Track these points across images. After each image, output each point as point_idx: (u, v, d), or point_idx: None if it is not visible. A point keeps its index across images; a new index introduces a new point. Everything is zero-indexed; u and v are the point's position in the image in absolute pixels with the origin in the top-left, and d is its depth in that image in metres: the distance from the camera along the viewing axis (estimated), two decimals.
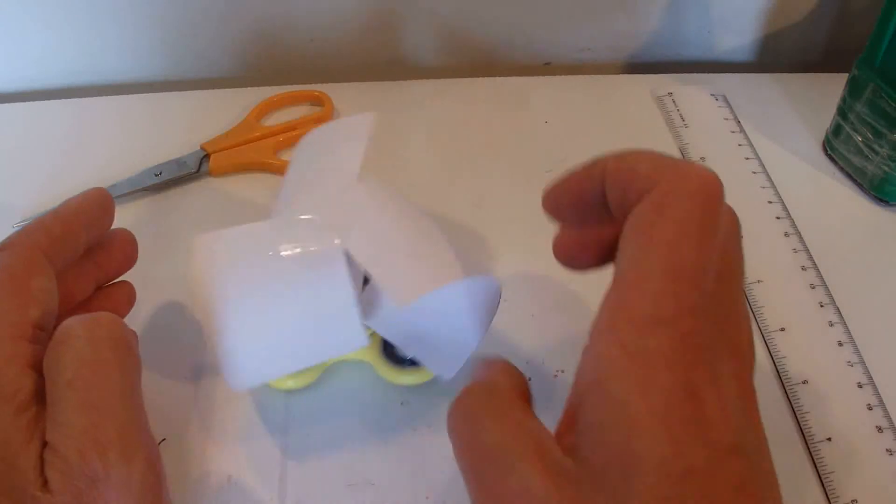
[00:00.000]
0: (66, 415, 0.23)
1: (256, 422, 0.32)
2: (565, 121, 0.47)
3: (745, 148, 0.46)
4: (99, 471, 0.23)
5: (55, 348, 0.25)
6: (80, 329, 0.25)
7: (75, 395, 0.24)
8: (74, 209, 0.30)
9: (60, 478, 0.22)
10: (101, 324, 0.25)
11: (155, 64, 0.50)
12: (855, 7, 0.51)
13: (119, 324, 0.26)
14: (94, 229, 0.30)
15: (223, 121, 0.46)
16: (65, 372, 0.24)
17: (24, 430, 0.23)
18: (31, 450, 0.23)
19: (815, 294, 0.38)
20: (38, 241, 0.27)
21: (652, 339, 0.20)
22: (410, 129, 0.46)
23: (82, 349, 0.24)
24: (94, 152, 0.44)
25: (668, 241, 0.22)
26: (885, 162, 0.41)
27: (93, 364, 0.24)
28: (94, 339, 0.25)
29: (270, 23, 0.49)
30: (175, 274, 0.37)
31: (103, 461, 0.23)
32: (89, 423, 0.23)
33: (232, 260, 0.29)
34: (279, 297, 0.28)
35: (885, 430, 0.33)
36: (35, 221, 0.28)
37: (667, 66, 0.54)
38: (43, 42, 0.48)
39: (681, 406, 0.20)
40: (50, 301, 0.27)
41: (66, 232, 0.29)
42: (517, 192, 0.43)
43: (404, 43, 0.51)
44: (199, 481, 0.31)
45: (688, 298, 0.21)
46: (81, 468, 0.22)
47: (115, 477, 0.23)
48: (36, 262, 0.27)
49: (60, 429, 0.23)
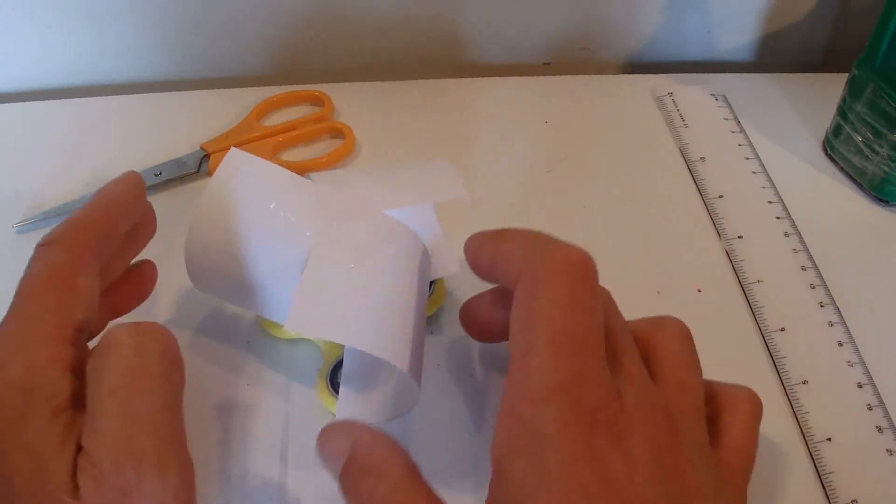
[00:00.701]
0: (104, 422, 0.23)
1: (257, 422, 0.32)
2: (565, 121, 0.47)
3: (745, 148, 0.46)
4: (132, 482, 0.22)
5: (100, 355, 0.24)
6: (128, 337, 0.24)
7: (116, 404, 0.23)
8: (116, 200, 0.29)
9: (92, 485, 0.22)
10: (149, 333, 0.25)
11: (155, 64, 0.50)
12: (855, 7, 0.51)
13: (166, 335, 0.25)
14: (133, 218, 0.30)
15: (223, 121, 0.46)
16: (108, 379, 0.23)
17: (59, 434, 0.23)
18: (65, 454, 0.22)
19: (815, 294, 0.38)
20: (86, 239, 0.27)
21: (544, 411, 0.21)
22: (410, 130, 0.46)
23: (128, 358, 0.24)
24: (94, 152, 0.44)
25: (546, 317, 0.23)
26: (885, 162, 0.41)
27: (137, 374, 0.24)
28: (141, 348, 0.24)
29: (271, 23, 0.49)
30: (175, 273, 0.37)
31: (138, 472, 0.22)
32: (127, 432, 0.23)
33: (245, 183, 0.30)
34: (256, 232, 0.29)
35: (885, 430, 0.33)
36: (79, 215, 0.28)
37: (667, 66, 0.54)
38: (43, 42, 0.48)
39: (580, 472, 0.20)
40: (93, 302, 0.26)
41: (112, 226, 0.28)
42: (517, 192, 0.43)
43: (404, 43, 0.51)
44: (200, 481, 0.30)
45: (571, 366, 0.22)
46: (115, 477, 0.22)
47: (147, 490, 0.22)
48: (84, 260, 0.26)
49: (97, 436, 0.23)
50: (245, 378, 0.34)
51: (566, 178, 0.44)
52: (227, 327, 0.35)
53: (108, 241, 0.28)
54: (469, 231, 0.40)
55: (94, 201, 0.29)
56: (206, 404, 0.33)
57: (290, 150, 0.45)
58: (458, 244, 0.30)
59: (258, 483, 0.31)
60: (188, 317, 0.36)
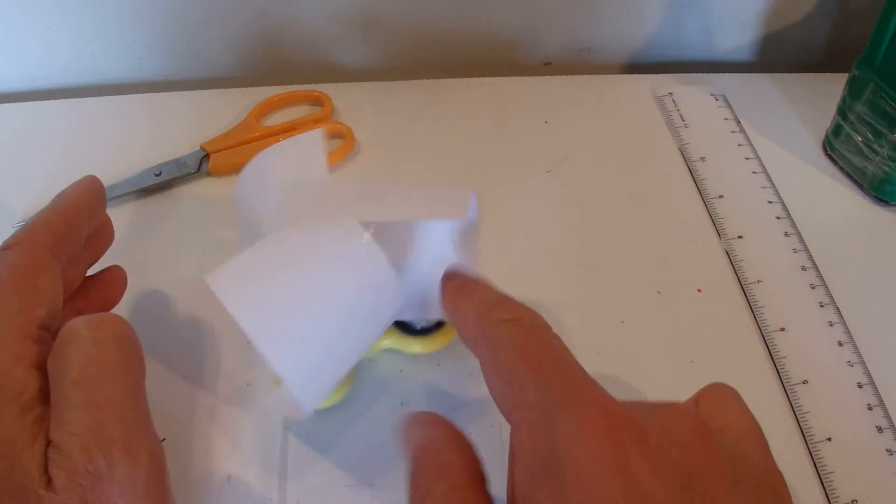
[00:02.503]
0: (70, 413, 0.23)
1: (257, 422, 0.32)
2: (565, 121, 0.47)
3: (745, 148, 0.46)
4: (103, 468, 0.23)
5: (60, 348, 0.25)
6: (85, 329, 0.25)
7: (80, 394, 0.24)
8: (75, 203, 0.30)
9: (64, 476, 0.22)
10: (106, 323, 0.25)
11: (155, 64, 0.50)
12: (855, 7, 0.51)
13: (123, 324, 0.26)
14: (93, 221, 0.30)
15: (223, 121, 0.46)
16: (70, 371, 0.24)
17: (29, 430, 0.23)
18: (36, 449, 0.23)
19: (815, 294, 0.38)
20: (45, 240, 0.27)
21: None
22: (410, 129, 0.46)
23: (87, 348, 0.24)
24: (94, 152, 0.44)
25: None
26: (885, 162, 0.41)
27: (98, 363, 0.24)
28: (99, 338, 0.25)
29: (271, 23, 0.49)
30: (175, 273, 0.37)
31: (107, 459, 0.23)
32: (94, 421, 0.23)
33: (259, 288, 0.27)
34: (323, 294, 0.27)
35: (885, 430, 0.33)
36: (38, 218, 0.28)
37: (667, 66, 0.54)
38: (43, 42, 0.48)
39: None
40: (56, 300, 0.27)
41: (70, 228, 0.29)
42: (517, 192, 0.43)
43: (404, 43, 0.51)
44: (200, 481, 0.31)
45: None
46: (86, 466, 0.22)
47: (119, 475, 0.23)
48: (43, 260, 0.27)
49: (65, 427, 0.23)
50: (245, 378, 0.34)
51: (566, 178, 0.44)
52: (227, 327, 0.35)
53: (67, 243, 0.28)
54: None
55: (53, 204, 0.29)
56: (207, 404, 0.33)
57: None
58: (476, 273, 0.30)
59: (258, 483, 0.31)
60: (189, 316, 0.36)
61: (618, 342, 0.36)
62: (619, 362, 0.35)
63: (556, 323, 0.36)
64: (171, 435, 0.32)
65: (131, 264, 0.33)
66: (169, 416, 0.32)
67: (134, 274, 0.33)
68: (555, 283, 0.38)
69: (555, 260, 0.39)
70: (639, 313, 0.37)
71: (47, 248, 0.27)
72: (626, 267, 0.39)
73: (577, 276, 0.39)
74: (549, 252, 0.40)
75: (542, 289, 0.38)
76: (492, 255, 0.39)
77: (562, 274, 0.39)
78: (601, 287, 0.38)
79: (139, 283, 0.37)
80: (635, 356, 0.35)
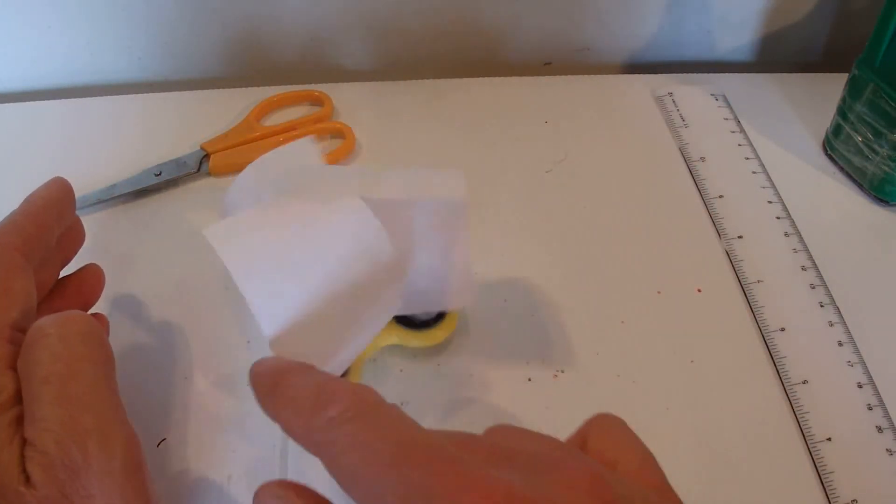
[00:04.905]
0: (42, 410, 0.23)
1: (256, 422, 0.32)
2: (565, 121, 0.47)
3: (745, 148, 0.46)
4: (79, 461, 0.23)
5: (28, 348, 0.25)
6: (52, 327, 0.25)
7: (51, 390, 0.24)
8: (43, 204, 0.30)
9: (42, 472, 0.23)
10: (71, 320, 0.26)
11: (154, 64, 0.50)
12: (855, 7, 0.51)
13: (88, 319, 0.26)
14: (63, 221, 0.31)
15: (223, 121, 0.46)
16: (39, 369, 0.24)
17: (6, 430, 0.23)
18: (13, 448, 0.23)
19: (815, 294, 0.38)
20: (14, 242, 0.27)
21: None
22: (410, 130, 0.46)
23: (54, 346, 0.25)
24: (93, 152, 0.44)
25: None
26: (885, 162, 0.41)
27: (65, 359, 0.25)
28: (66, 335, 0.25)
29: (271, 22, 0.49)
30: (175, 273, 0.37)
31: (83, 451, 0.23)
32: (66, 415, 0.23)
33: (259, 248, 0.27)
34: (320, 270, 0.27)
35: (885, 430, 0.33)
36: (6, 221, 0.28)
37: (667, 66, 0.54)
38: (43, 42, 0.48)
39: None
40: (29, 301, 0.27)
41: (41, 229, 0.29)
42: (517, 192, 0.43)
43: (404, 43, 0.51)
44: (199, 481, 0.31)
45: None
46: (62, 460, 0.23)
47: (95, 466, 0.23)
48: (15, 263, 0.27)
49: (38, 424, 0.23)
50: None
51: (566, 178, 0.44)
52: (227, 327, 0.35)
53: (38, 245, 0.28)
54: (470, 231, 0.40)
55: (22, 207, 0.29)
56: (207, 405, 0.33)
57: None
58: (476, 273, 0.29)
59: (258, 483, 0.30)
60: (190, 315, 0.36)
61: (618, 342, 0.36)
62: (619, 362, 0.35)
63: (558, 323, 0.36)
64: (171, 435, 0.32)
65: (131, 264, 0.34)
66: (169, 416, 0.32)
67: (134, 274, 0.34)
68: (555, 283, 0.38)
69: (555, 260, 0.39)
70: (639, 313, 0.37)
71: (17, 251, 0.27)
72: (626, 267, 0.39)
73: (577, 275, 0.39)
74: (548, 252, 0.40)
75: (542, 289, 0.38)
76: (491, 255, 0.39)
77: (562, 274, 0.39)
78: (601, 287, 0.38)
79: (139, 282, 0.37)
80: (635, 356, 0.35)
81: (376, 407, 0.21)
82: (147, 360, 0.34)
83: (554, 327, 0.36)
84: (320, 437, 0.21)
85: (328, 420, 0.21)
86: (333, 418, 0.21)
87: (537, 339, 0.36)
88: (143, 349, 0.28)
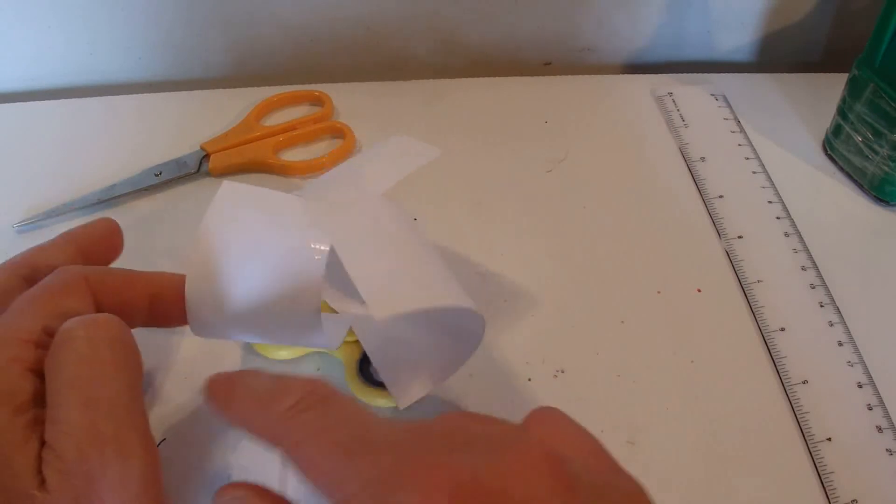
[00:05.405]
0: (64, 413, 0.23)
1: None
2: (565, 121, 0.47)
3: (745, 148, 0.46)
4: (96, 468, 0.23)
5: (56, 349, 0.25)
6: (81, 329, 0.25)
7: (74, 394, 0.23)
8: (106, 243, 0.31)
9: (58, 476, 0.22)
10: (99, 324, 0.25)
11: (154, 64, 0.50)
12: (855, 7, 0.51)
13: (118, 323, 0.26)
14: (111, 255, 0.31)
15: (223, 121, 0.46)
16: (64, 371, 0.24)
17: (22, 431, 0.23)
18: (29, 450, 0.23)
19: (815, 294, 0.38)
20: (85, 271, 0.27)
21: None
22: (410, 130, 0.46)
23: (82, 349, 0.24)
24: (93, 152, 0.44)
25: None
26: (885, 162, 0.41)
27: (92, 363, 0.24)
28: (94, 338, 0.25)
29: (271, 22, 0.49)
30: None
31: (101, 459, 0.23)
32: (88, 420, 0.23)
33: (238, 213, 0.28)
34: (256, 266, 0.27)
35: (885, 430, 0.33)
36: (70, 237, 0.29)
37: (667, 66, 0.54)
38: (43, 42, 0.48)
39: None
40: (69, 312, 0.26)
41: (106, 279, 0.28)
42: (517, 192, 0.43)
43: (404, 43, 0.51)
44: (199, 481, 0.31)
45: None
46: (79, 466, 0.22)
47: (112, 475, 0.23)
48: (76, 288, 0.27)
49: (59, 427, 0.23)
50: None
51: (566, 178, 0.44)
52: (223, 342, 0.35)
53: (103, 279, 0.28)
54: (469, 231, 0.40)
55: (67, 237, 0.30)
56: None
57: (290, 150, 0.45)
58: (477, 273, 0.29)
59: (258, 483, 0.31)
60: None
61: (618, 342, 0.36)
62: (619, 362, 0.35)
63: (558, 323, 0.36)
64: (171, 435, 0.32)
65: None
66: (169, 416, 0.32)
67: None
68: (555, 283, 0.38)
69: (555, 260, 0.39)
70: (639, 313, 0.37)
71: (84, 278, 0.27)
72: (626, 267, 0.39)
73: (578, 275, 0.39)
74: (548, 252, 0.40)
75: (542, 289, 0.38)
76: (492, 255, 0.39)
77: (562, 274, 0.39)
78: (601, 287, 0.38)
79: None
80: (635, 356, 0.35)
81: (331, 396, 0.22)
82: (147, 359, 0.34)
83: (554, 327, 0.36)
84: (279, 427, 0.22)
85: (285, 409, 0.22)
86: (291, 407, 0.22)
87: (537, 339, 0.36)
88: (143, 349, 0.28)
